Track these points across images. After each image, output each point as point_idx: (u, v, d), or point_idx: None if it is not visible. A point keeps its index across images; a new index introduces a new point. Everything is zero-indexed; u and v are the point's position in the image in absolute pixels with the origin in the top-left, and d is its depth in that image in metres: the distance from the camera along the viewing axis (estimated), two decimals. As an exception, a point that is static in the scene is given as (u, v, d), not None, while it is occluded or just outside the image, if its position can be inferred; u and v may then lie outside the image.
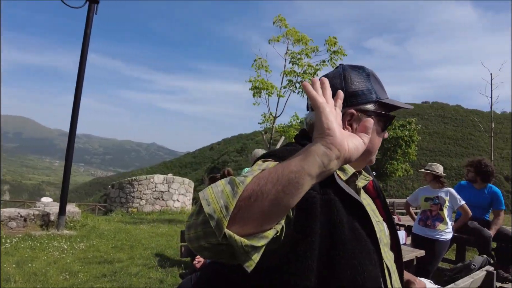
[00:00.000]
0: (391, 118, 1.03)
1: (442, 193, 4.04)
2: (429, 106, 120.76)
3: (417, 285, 1.15)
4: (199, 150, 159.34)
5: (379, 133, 1.03)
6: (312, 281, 0.82)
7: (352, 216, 0.90)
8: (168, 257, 5.78)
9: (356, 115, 0.98)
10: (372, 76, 1.03)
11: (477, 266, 3.49)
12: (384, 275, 0.94)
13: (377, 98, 1.00)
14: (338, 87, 1.00)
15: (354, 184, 1.03)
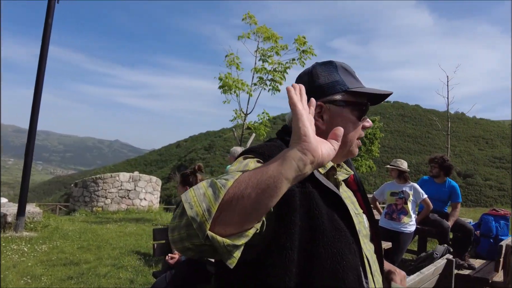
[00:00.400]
0: (362, 105, 1.04)
1: (407, 188, 4.27)
2: (390, 105, 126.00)
3: (398, 275, 1.17)
4: (165, 147, 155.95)
5: (354, 122, 1.04)
6: (293, 271, 0.84)
7: (331, 208, 0.93)
8: (138, 256, 5.66)
9: (325, 107, 1.02)
10: (341, 68, 1.06)
11: (439, 255, 3.72)
12: (364, 265, 0.97)
13: (345, 88, 1.02)
14: (305, 84, 1.03)
15: (334, 178, 1.06)
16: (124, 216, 10.73)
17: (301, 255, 0.86)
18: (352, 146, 1.06)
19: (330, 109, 1.02)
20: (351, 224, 0.97)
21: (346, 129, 1.02)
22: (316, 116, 1.01)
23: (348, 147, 1.05)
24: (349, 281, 0.89)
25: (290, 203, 0.86)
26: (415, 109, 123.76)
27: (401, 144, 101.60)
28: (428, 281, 2.79)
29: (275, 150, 0.93)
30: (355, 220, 1.02)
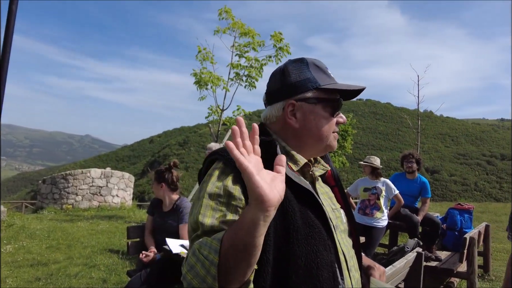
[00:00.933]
0: (335, 102, 1.05)
1: (379, 184, 4.39)
2: (363, 103, 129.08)
3: (377, 271, 1.18)
4: (137, 142, 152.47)
5: (326, 118, 1.04)
6: (269, 271, 0.85)
7: (304, 205, 0.94)
8: (111, 254, 5.51)
9: (297, 105, 1.02)
10: (312, 65, 1.06)
11: (410, 248, 3.87)
12: (340, 261, 0.98)
13: (316, 85, 1.02)
14: (278, 82, 1.06)
15: (309, 174, 1.07)
16: (96, 214, 10.42)
17: (276, 254, 0.87)
18: (329, 140, 1.06)
19: (302, 107, 1.03)
20: (325, 220, 0.97)
21: (320, 125, 1.04)
22: (289, 115, 1.03)
23: (325, 142, 1.06)
24: (323, 278, 0.89)
25: None
26: (387, 107, 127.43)
27: (373, 141, 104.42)
28: (400, 274, 2.89)
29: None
30: (331, 215, 1.04)
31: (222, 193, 0.88)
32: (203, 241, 0.79)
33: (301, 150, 1.06)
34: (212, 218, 0.85)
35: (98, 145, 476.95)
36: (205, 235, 0.83)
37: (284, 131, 1.06)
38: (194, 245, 0.80)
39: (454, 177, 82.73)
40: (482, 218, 8.73)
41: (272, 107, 1.06)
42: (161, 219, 3.33)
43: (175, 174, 3.40)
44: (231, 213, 0.86)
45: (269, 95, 1.09)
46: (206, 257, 0.75)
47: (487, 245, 5.11)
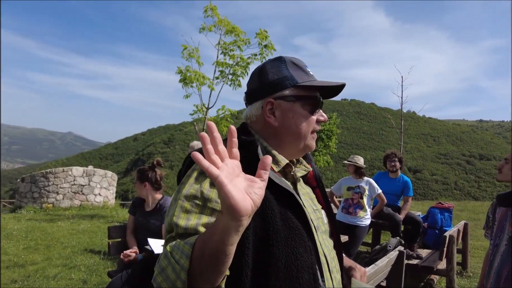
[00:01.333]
0: (313, 99, 1.04)
1: (363, 183, 4.44)
2: (347, 103, 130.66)
3: (358, 272, 1.18)
4: (121, 140, 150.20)
5: (305, 116, 1.03)
6: (248, 274, 0.84)
7: (285, 206, 0.93)
8: (92, 255, 5.40)
9: (276, 103, 1.02)
10: (290, 63, 1.05)
11: (392, 247, 3.92)
12: (320, 262, 0.97)
13: (294, 83, 1.01)
14: (256, 81, 1.05)
15: (291, 174, 1.06)
16: (77, 213, 10.19)
17: (256, 257, 0.86)
18: (307, 140, 1.05)
19: (281, 105, 1.02)
20: (306, 221, 0.97)
21: (299, 123, 1.03)
22: (268, 113, 1.02)
23: (303, 141, 1.05)
24: (304, 281, 0.89)
25: None
26: (371, 107, 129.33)
27: (357, 140, 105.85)
28: (382, 272, 2.93)
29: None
30: (312, 216, 1.03)
31: (199, 195, 0.86)
32: (175, 245, 0.78)
33: (281, 149, 1.05)
34: (186, 220, 0.83)
35: (81, 142, 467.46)
36: (179, 238, 0.81)
37: (265, 130, 1.05)
38: (167, 248, 0.78)
39: (436, 176, 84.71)
40: (461, 216, 8.95)
41: (252, 106, 1.06)
42: (143, 219, 3.27)
43: (159, 173, 3.34)
44: (206, 216, 0.85)
45: (249, 94, 1.08)
46: (177, 261, 0.74)
47: (466, 242, 5.24)
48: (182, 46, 7.86)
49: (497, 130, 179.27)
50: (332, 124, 24.80)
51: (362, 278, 1.17)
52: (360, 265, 1.25)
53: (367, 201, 4.39)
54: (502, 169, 2.09)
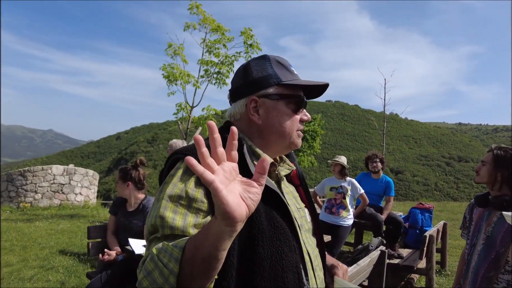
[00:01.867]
0: (297, 98, 1.04)
1: (345, 183, 4.48)
2: (332, 104, 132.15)
3: (341, 269, 1.19)
4: (104, 139, 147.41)
5: (289, 115, 1.03)
6: (233, 275, 0.83)
7: (269, 205, 0.93)
8: (71, 256, 5.26)
9: (260, 101, 1.02)
10: (274, 61, 1.05)
11: (374, 247, 3.97)
12: (304, 261, 0.98)
13: (278, 81, 1.01)
14: (240, 79, 1.05)
15: (275, 173, 1.06)
16: (56, 212, 9.92)
17: (240, 257, 0.86)
18: (292, 138, 1.05)
19: (265, 103, 1.02)
20: (291, 220, 0.97)
21: (282, 122, 1.03)
22: (252, 111, 1.02)
23: (288, 139, 1.05)
24: (288, 280, 0.89)
25: None
26: (355, 109, 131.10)
27: (341, 141, 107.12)
28: (364, 272, 2.96)
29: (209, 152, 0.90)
30: (296, 215, 1.04)
31: (184, 195, 0.85)
32: (163, 247, 0.75)
33: (265, 147, 1.04)
34: (172, 221, 0.81)
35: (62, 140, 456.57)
36: (165, 239, 0.80)
37: (249, 128, 1.05)
38: (153, 250, 0.75)
39: (417, 178, 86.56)
40: (441, 217, 9.16)
41: (236, 104, 1.06)
42: (125, 219, 3.21)
43: (142, 173, 3.29)
44: (192, 216, 0.83)
45: (233, 92, 1.08)
46: (165, 265, 0.72)
47: (445, 242, 5.36)
48: (167, 44, 7.76)
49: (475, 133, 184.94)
50: (316, 125, 25.08)
51: (344, 276, 1.18)
52: (346, 266, 1.25)
53: (349, 201, 4.43)
54: (479, 171, 2.14)
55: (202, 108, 8.22)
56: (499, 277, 1.97)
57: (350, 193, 4.45)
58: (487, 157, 2.11)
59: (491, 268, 1.98)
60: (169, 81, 7.70)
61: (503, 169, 2.01)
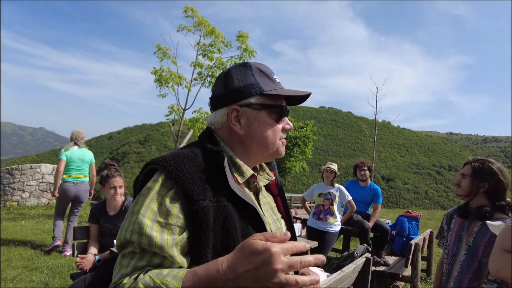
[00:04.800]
0: (279, 108, 1.03)
1: (333, 190, 4.51)
2: (325, 110, 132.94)
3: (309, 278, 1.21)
4: (95, 138, 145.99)
5: (271, 124, 1.02)
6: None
7: (246, 219, 0.93)
8: (57, 256, 5.19)
9: (241, 111, 1.01)
10: (256, 70, 1.03)
11: (359, 253, 4.00)
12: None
13: (260, 91, 1.00)
14: (221, 87, 1.04)
15: (254, 184, 1.06)
16: (44, 212, 9.79)
17: None
18: (275, 147, 1.05)
19: (246, 113, 1.01)
20: None
21: (264, 132, 1.02)
22: (233, 121, 1.01)
23: (271, 149, 1.04)
24: None
25: (204, 221, 0.86)
26: (348, 116, 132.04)
27: (333, 147, 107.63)
28: (349, 278, 2.97)
29: (185, 164, 0.90)
30: (273, 227, 1.05)
31: (161, 210, 0.85)
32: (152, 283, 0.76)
33: (247, 157, 1.04)
34: (149, 236, 0.82)
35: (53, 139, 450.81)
36: (142, 254, 0.82)
37: (230, 137, 1.04)
38: (139, 285, 0.76)
39: (407, 186, 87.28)
40: (429, 225, 9.24)
41: (217, 112, 1.04)
42: (110, 224, 3.18)
43: (113, 176, 3.28)
44: (167, 232, 0.84)
45: (213, 100, 1.06)
46: None
47: (431, 250, 5.40)
48: (156, 46, 7.74)
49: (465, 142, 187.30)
50: (309, 131, 25.22)
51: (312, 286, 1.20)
52: (328, 271, 1.25)
53: (337, 207, 4.46)
54: (460, 184, 2.17)
55: (193, 110, 8.21)
56: (482, 287, 2.00)
57: (338, 200, 4.48)
58: (466, 170, 2.15)
59: (474, 278, 2.01)
60: (159, 83, 7.66)
61: (482, 181, 2.05)
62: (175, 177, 0.87)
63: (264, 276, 0.70)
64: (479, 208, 2.05)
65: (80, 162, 5.35)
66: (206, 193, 0.88)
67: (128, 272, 0.81)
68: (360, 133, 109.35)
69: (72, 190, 5.28)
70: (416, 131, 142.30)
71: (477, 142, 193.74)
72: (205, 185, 0.89)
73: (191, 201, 0.85)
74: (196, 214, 0.85)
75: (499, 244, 1.39)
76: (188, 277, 0.75)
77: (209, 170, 0.92)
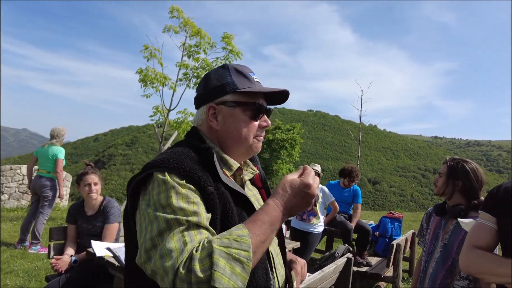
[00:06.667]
0: (253, 105, 1.09)
1: (317, 191, 4.52)
2: (313, 114, 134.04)
3: (298, 264, 1.27)
4: (81, 140, 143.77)
5: (246, 121, 1.08)
6: None
7: (240, 207, 1.00)
8: (34, 259, 5.05)
9: (218, 108, 1.08)
10: (233, 70, 1.10)
11: (340, 254, 4.01)
12: (270, 258, 1.06)
13: (234, 88, 1.06)
14: (201, 87, 1.12)
15: (240, 178, 1.13)
16: (23, 214, 9.51)
17: None
18: (249, 143, 1.10)
19: (222, 110, 1.08)
20: None
21: (239, 128, 1.08)
22: (210, 118, 1.08)
23: (245, 145, 1.10)
24: (258, 275, 0.97)
25: (213, 204, 0.93)
26: (335, 119, 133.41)
27: (320, 150, 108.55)
28: (329, 279, 2.97)
29: (183, 159, 0.96)
30: None
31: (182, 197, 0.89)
32: (230, 242, 0.81)
33: (226, 153, 1.10)
34: (182, 209, 0.87)
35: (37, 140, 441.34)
36: (187, 227, 0.84)
37: (209, 133, 1.11)
38: (215, 246, 0.79)
39: (393, 188, 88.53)
40: (413, 226, 9.35)
41: (199, 111, 1.13)
42: (88, 224, 3.11)
43: (91, 176, 3.22)
44: (196, 207, 0.89)
45: (196, 99, 1.15)
46: (242, 255, 0.80)
47: (413, 251, 5.47)
48: (144, 46, 7.66)
49: (449, 146, 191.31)
50: (296, 134, 25.36)
51: (302, 269, 1.26)
52: (309, 271, 1.33)
53: (320, 208, 4.47)
54: (437, 183, 2.21)
55: (177, 111, 8.08)
56: (455, 284, 2.03)
57: (321, 201, 4.49)
58: (443, 169, 2.19)
59: (448, 275, 2.04)
60: (144, 84, 7.56)
61: (457, 179, 2.08)
62: (180, 171, 0.93)
63: (306, 199, 0.95)
64: (454, 206, 2.08)
65: (45, 158, 5.42)
66: (209, 181, 0.95)
67: (190, 248, 0.81)
68: (347, 136, 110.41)
69: (33, 184, 5.52)
70: (402, 135, 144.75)
71: (460, 146, 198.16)
72: (206, 174, 0.96)
73: (201, 187, 0.92)
74: (207, 199, 0.92)
75: (469, 240, 1.41)
76: (249, 225, 0.87)
77: (203, 164, 0.99)
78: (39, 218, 5.50)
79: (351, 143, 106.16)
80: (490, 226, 1.37)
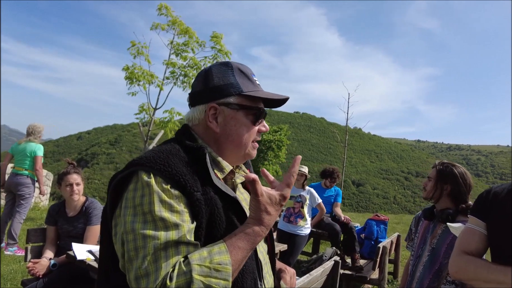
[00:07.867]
0: (257, 109, 1.05)
1: (304, 192, 4.49)
2: (299, 116, 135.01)
3: (288, 273, 1.23)
4: (64, 138, 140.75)
5: (247, 125, 1.04)
6: None
7: (230, 212, 0.96)
8: (10, 261, 4.85)
9: (219, 109, 1.02)
10: (237, 70, 1.05)
11: (327, 257, 3.99)
12: (259, 267, 1.01)
13: (239, 91, 1.01)
14: (201, 84, 1.05)
15: (232, 181, 1.08)
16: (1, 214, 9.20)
17: None
18: (247, 148, 1.06)
19: (224, 112, 1.02)
20: None
21: (240, 132, 1.03)
22: (210, 118, 1.02)
23: (244, 149, 1.06)
24: (247, 285, 0.93)
25: (200, 211, 0.88)
26: (321, 122, 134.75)
27: (306, 152, 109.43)
28: (317, 282, 2.94)
29: (172, 160, 0.89)
30: None
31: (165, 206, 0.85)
32: (208, 269, 0.79)
33: (220, 155, 1.05)
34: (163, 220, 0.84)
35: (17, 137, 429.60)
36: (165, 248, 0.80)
37: (206, 134, 1.05)
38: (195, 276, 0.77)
39: (377, 191, 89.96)
40: (397, 229, 9.47)
41: (195, 109, 1.05)
42: (69, 225, 2.98)
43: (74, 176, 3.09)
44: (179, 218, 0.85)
45: (193, 96, 1.07)
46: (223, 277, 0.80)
47: (398, 253, 5.51)
48: (131, 42, 7.51)
49: (431, 150, 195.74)
50: (283, 135, 25.49)
51: (291, 280, 1.22)
52: (297, 274, 1.32)
53: (307, 210, 4.45)
54: (426, 187, 2.20)
55: (164, 110, 7.94)
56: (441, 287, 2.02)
57: (308, 203, 4.47)
58: (432, 173, 2.19)
59: (435, 279, 2.03)
60: (130, 81, 7.41)
61: (445, 183, 2.08)
62: (166, 173, 0.87)
63: (280, 209, 0.93)
64: (442, 210, 2.08)
65: (22, 155, 5.24)
66: (197, 186, 0.89)
67: (163, 274, 0.77)
68: (332, 138, 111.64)
69: (9, 182, 5.29)
70: (386, 138, 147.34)
71: (442, 149, 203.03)
72: (194, 177, 0.90)
73: (187, 193, 0.87)
74: (192, 206, 0.87)
75: (458, 246, 1.39)
76: (231, 249, 0.84)
77: (193, 165, 0.93)
78: (15, 218, 5.26)
79: (336, 146, 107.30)
80: (479, 231, 1.35)
